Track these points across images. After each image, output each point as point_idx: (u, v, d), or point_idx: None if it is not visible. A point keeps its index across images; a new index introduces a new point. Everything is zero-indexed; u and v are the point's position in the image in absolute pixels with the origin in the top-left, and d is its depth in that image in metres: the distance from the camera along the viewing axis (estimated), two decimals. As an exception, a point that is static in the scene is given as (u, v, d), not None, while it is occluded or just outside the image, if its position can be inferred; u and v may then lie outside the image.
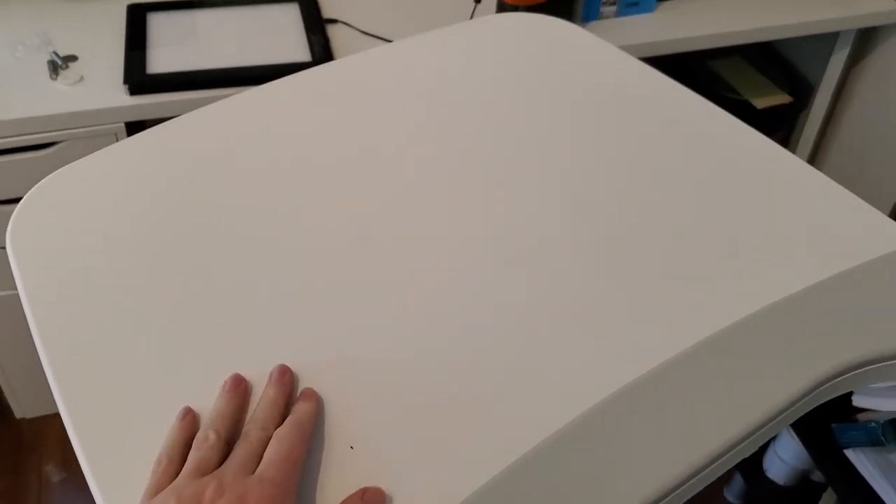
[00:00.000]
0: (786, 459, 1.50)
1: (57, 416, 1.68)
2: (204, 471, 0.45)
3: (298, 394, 0.50)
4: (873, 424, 1.22)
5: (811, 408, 0.48)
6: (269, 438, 0.47)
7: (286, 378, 0.50)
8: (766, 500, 1.55)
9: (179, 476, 0.45)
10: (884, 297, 0.51)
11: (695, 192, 0.61)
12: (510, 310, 0.53)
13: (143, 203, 0.63)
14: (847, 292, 0.51)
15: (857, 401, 1.33)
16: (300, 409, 0.49)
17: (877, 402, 1.30)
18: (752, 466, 1.57)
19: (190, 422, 0.49)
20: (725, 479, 1.66)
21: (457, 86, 0.73)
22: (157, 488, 0.45)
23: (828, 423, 1.32)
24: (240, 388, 0.50)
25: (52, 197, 0.65)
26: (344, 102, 0.72)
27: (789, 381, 0.46)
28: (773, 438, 1.52)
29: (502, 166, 0.64)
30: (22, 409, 1.71)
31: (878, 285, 0.52)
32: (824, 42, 1.74)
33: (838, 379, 0.48)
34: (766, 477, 1.55)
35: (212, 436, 0.47)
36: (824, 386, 0.47)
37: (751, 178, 0.62)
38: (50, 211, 0.63)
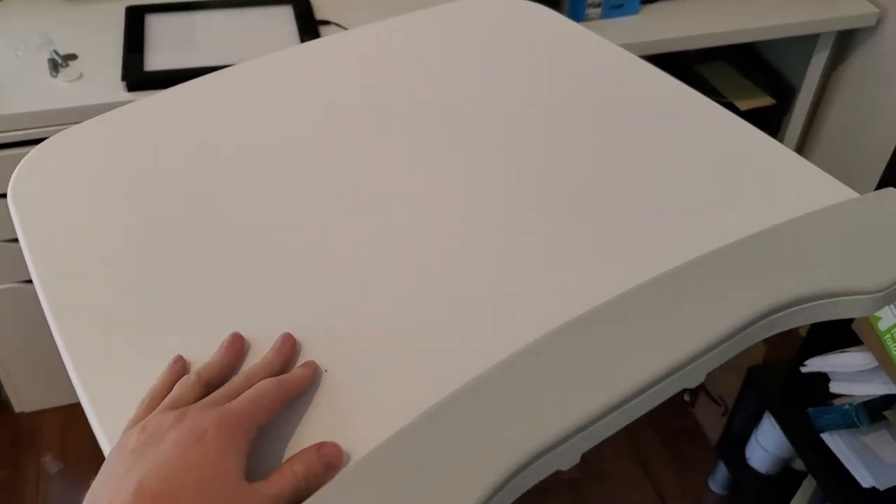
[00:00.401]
0: (767, 448, 1.53)
1: (55, 409, 1.72)
2: (176, 406, 0.47)
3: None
4: (847, 406, 1.26)
5: (751, 342, 0.52)
6: (248, 387, 0.48)
7: (287, 346, 0.52)
8: (749, 488, 1.58)
9: (156, 409, 0.48)
10: (822, 244, 0.55)
11: (658, 159, 0.65)
12: (479, 249, 0.56)
13: (142, 162, 0.67)
14: (789, 239, 0.55)
15: (835, 387, 1.37)
16: (292, 372, 0.50)
17: (852, 387, 1.34)
18: (735, 456, 1.61)
19: (179, 368, 0.51)
20: (709, 469, 1.70)
21: (432, 62, 0.78)
22: (136, 421, 0.47)
23: (806, 408, 1.36)
24: (235, 345, 0.52)
25: (52, 156, 0.69)
26: (324, 80, 0.76)
27: (731, 312, 0.50)
28: (756, 428, 1.56)
29: (475, 134, 0.68)
30: (21, 402, 1.74)
31: (817, 234, 0.56)
32: (805, 45, 1.79)
33: (776, 315, 0.51)
34: (748, 466, 1.59)
35: (192, 377, 0.49)
36: (764, 320, 0.51)
37: (709, 143, 0.66)
38: (50, 168, 0.67)
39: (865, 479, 1.26)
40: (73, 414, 1.75)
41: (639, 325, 0.50)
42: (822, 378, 1.38)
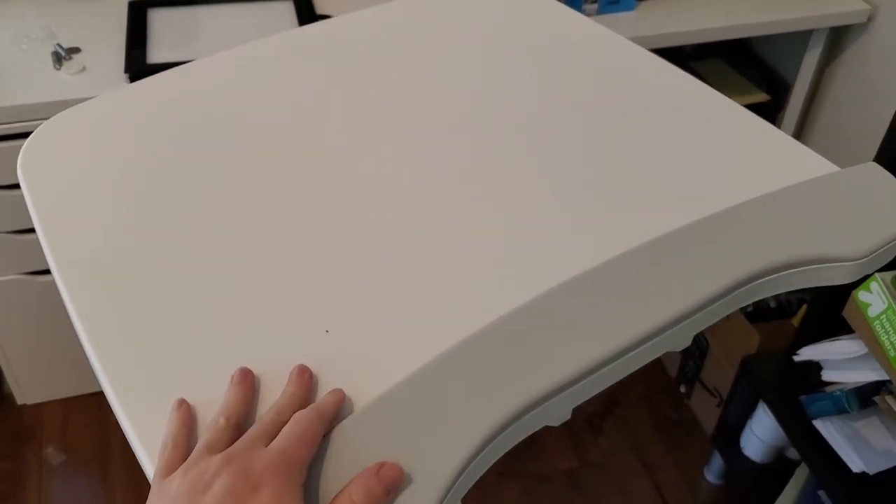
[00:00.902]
0: (761, 437, 1.55)
1: (57, 402, 1.73)
2: (214, 450, 0.45)
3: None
4: (838, 393, 1.28)
5: (739, 306, 0.54)
6: (282, 423, 0.46)
7: (305, 377, 0.50)
8: (744, 476, 1.60)
9: (191, 454, 0.45)
10: (806, 214, 0.57)
11: (644, 135, 0.67)
12: (470, 219, 0.59)
13: (152, 136, 0.69)
14: (776, 209, 0.58)
15: (827, 375, 1.39)
16: (324, 399, 0.48)
17: (844, 374, 1.36)
18: (729, 445, 1.63)
19: (186, 410, 0.49)
20: (705, 459, 1.72)
21: (428, 47, 0.80)
22: (168, 469, 0.45)
23: (799, 397, 1.38)
24: (247, 380, 0.50)
25: (62, 131, 0.71)
26: (319, 63, 0.78)
27: (719, 275, 0.52)
28: (750, 418, 1.58)
29: (463, 109, 0.70)
30: (23, 395, 1.76)
31: (802, 204, 0.58)
32: (798, 42, 1.81)
33: (763, 280, 0.53)
34: (743, 455, 1.61)
35: (222, 420, 0.47)
36: (750, 284, 0.53)
37: (697, 120, 0.68)
38: (58, 144, 0.69)
39: (856, 464, 1.28)
40: (75, 406, 1.77)
41: (628, 288, 0.52)
42: (815, 367, 1.40)
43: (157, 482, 0.45)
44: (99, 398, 1.80)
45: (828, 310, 1.37)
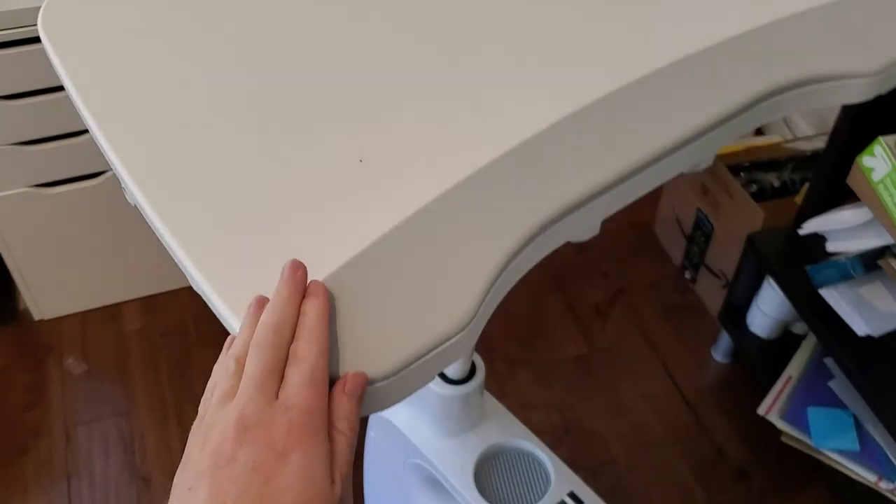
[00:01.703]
0: (768, 312, 1.58)
1: (73, 315, 1.76)
2: (227, 402, 0.43)
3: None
4: (843, 259, 1.31)
5: (757, 124, 0.55)
6: (285, 344, 0.45)
7: (299, 275, 0.47)
8: (751, 353, 1.64)
9: (206, 414, 0.44)
10: (820, 32, 0.58)
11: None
12: (478, 47, 0.59)
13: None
14: (791, 28, 0.58)
15: (831, 246, 1.42)
16: (310, 313, 0.46)
17: (848, 244, 1.38)
18: (736, 324, 1.66)
19: (252, 322, 0.47)
20: (712, 340, 1.76)
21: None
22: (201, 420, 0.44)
23: (805, 268, 1.41)
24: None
25: None
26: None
27: (738, 90, 0.53)
28: (756, 295, 1.61)
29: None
30: (40, 310, 1.78)
31: (816, 23, 0.59)
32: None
33: (780, 97, 0.55)
34: (750, 332, 1.64)
35: (231, 365, 0.45)
36: (768, 100, 0.54)
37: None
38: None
39: (861, 328, 1.31)
40: (92, 318, 1.80)
41: (652, 103, 0.53)
42: (820, 239, 1.42)
43: (190, 437, 0.44)
44: (115, 309, 1.83)
45: (830, 183, 1.39)
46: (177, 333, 1.78)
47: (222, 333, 0.49)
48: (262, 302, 0.47)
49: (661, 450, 1.60)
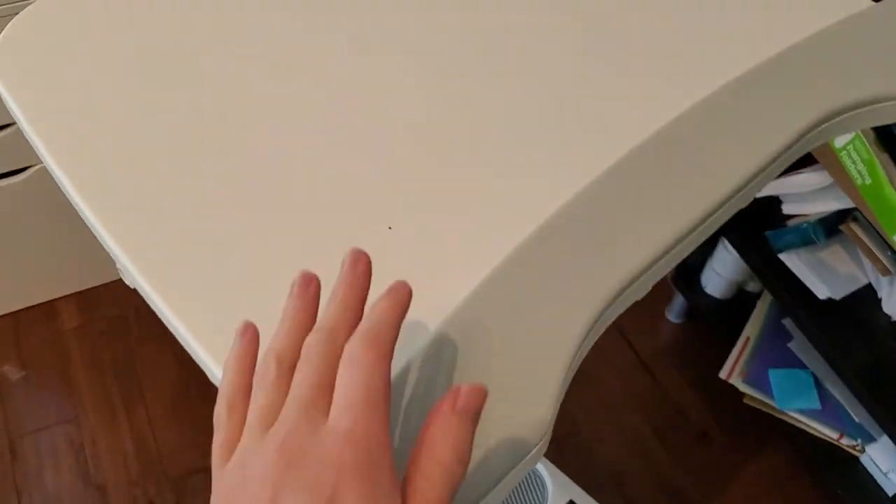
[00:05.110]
0: (722, 273, 1.60)
1: (6, 316, 1.64)
2: (268, 420, 0.35)
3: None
4: (805, 225, 1.32)
5: (805, 151, 0.52)
6: (337, 356, 0.36)
7: (360, 269, 0.39)
8: (706, 313, 1.65)
9: (243, 438, 0.36)
10: (867, 49, 0.56)
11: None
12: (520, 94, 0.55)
13: (138, 25, 0.62)
14: (835, 46, 0.56)
15: (787, 208, 1.43)
16: (377, 312, 0.37)
17: (805, 206, 1.39)
18: (690, 285, 1.68)
19: (249, 342, 0.40)
20: (666, 302, 1.77)
21: None
22: (226, 447, 0.36)
23: (761, 231, 1.42)
24: (308, 292, 0.39)
25: (37, 24, 0.63)
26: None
27: (789, 122, 0.50)
28: (710, 256, 1.62)
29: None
30: (-33, 314, 1.67)
31: (861, 40, 0.56)
32: None
33: (831, 122, 0.52)
34: (704, 293, 1.66)
35: (272, 368, 0.37)
36: (816, 129, 0.51)
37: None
38: (32, 41, 0.62)
39: (821, 292, 1.33)
40: (24, 318, 1.70)
41: (701, 147, 0.50)
42: (775, 201, 1.43)
43: (216, 469, 0.36)
44: (49, 307, 1.73)
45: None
46: (118, 329, 1.69)
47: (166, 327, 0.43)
48: (308, 280, 0.40)
49: (623, 416, 1.61)
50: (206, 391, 1.40)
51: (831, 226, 1.32)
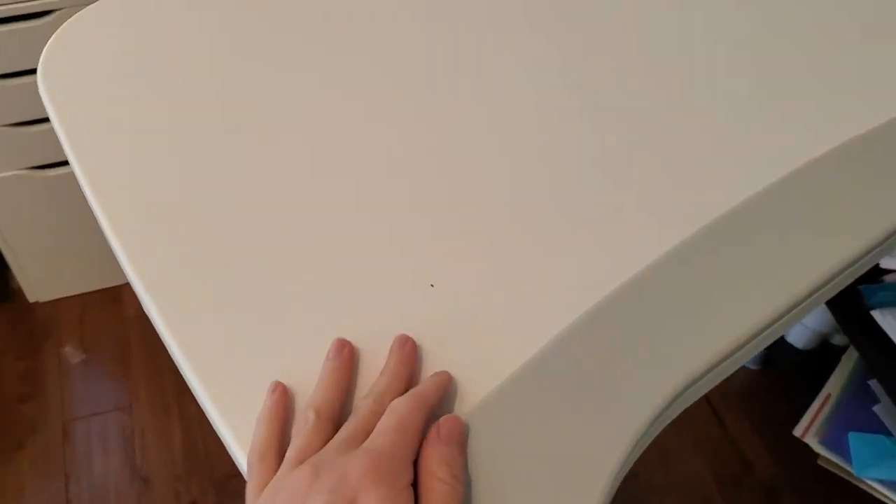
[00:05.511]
0: (807, 324, 1.50)
1: (71, 298, 1.66)
2: (305, 457, 0.39)
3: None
4: (903, 284, 1.22)
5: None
6: (382, 413, 0.40)
7: (407, 349, 0.44)
8: (785, 363, 1.56)
9: (281, 467, 0.40)
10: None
11: (780, 36, 0.57)
12: (594, 152, 0.50)
13: (183, 35, 0.59)
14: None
15: (886, 262, 1.32)
16: (426, 382, 0.42)
17: (905, 262, 1.29)
18: (771, 332, 1.58)
19: (280, 398, 0.43)
20: (743, 345, 1.67)
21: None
22: (257, 489, 0.40)
23: (855, 284, 1.32)
24: (343, 356, 0.44)
25: (85, 31, 0.60)
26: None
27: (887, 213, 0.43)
28: (794, 303, 1.52)
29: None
30: (35, 293, 1.69)
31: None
32: None
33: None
34: (784, 341, 1.56)
35: (311, 418, 0.41)
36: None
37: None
38: (78, 47, 0.59)
39: (916, 356, 1.23)
40: (90, 301, 1.71)
41: (794, 225, 0.43)
42: (871, 253, 1.33)
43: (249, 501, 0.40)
44: (114, 292, 1.73)
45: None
46: (180, 321, 1.68)
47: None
48: (342, 345, 0.44)
49: (684, 463, 1.53)
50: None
51: (931, 286, 1.21)
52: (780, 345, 1.56)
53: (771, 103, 0.52)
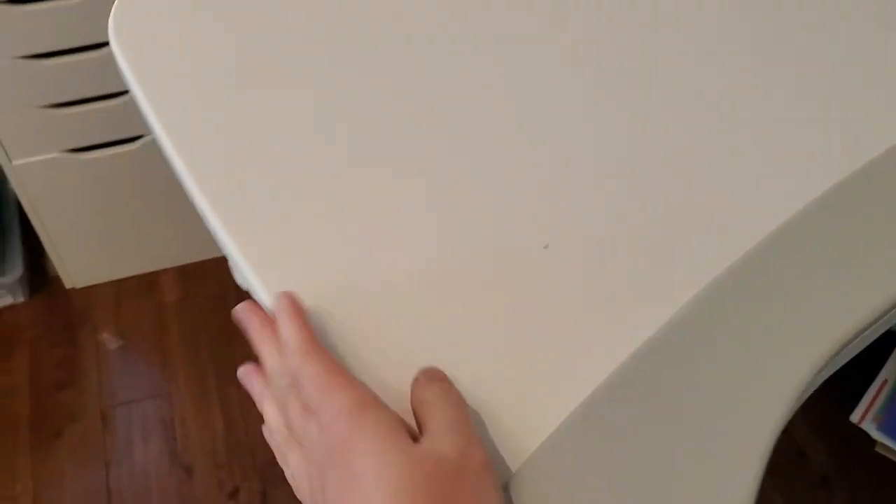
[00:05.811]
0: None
1: (108, 284, 1.63)
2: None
3: None
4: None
5: None
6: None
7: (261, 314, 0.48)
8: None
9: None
10: None
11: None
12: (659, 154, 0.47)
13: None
14: None
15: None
16: (280, 320, 0.45)
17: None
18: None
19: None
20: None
21: None
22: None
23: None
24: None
25: None
26: None
27: None
28: None
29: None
30: (72, 279, 1.67)
31: None
32: None
33: None
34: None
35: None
36: None
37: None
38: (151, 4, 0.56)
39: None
40: (127, 287, 1.69)
41: None
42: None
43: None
44: (151, 278, 1.71)
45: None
46: (217, 308, 1.66)
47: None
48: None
49: (736, 449, 1.49)
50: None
51: None
52: None
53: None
